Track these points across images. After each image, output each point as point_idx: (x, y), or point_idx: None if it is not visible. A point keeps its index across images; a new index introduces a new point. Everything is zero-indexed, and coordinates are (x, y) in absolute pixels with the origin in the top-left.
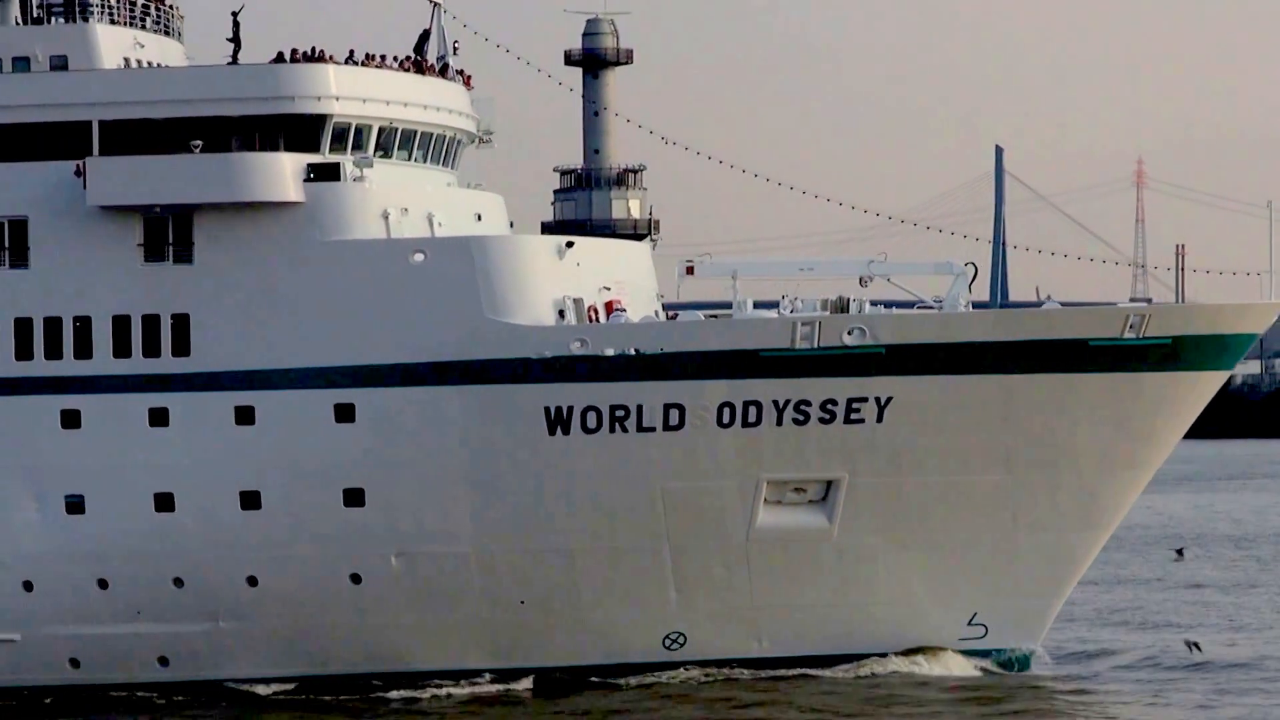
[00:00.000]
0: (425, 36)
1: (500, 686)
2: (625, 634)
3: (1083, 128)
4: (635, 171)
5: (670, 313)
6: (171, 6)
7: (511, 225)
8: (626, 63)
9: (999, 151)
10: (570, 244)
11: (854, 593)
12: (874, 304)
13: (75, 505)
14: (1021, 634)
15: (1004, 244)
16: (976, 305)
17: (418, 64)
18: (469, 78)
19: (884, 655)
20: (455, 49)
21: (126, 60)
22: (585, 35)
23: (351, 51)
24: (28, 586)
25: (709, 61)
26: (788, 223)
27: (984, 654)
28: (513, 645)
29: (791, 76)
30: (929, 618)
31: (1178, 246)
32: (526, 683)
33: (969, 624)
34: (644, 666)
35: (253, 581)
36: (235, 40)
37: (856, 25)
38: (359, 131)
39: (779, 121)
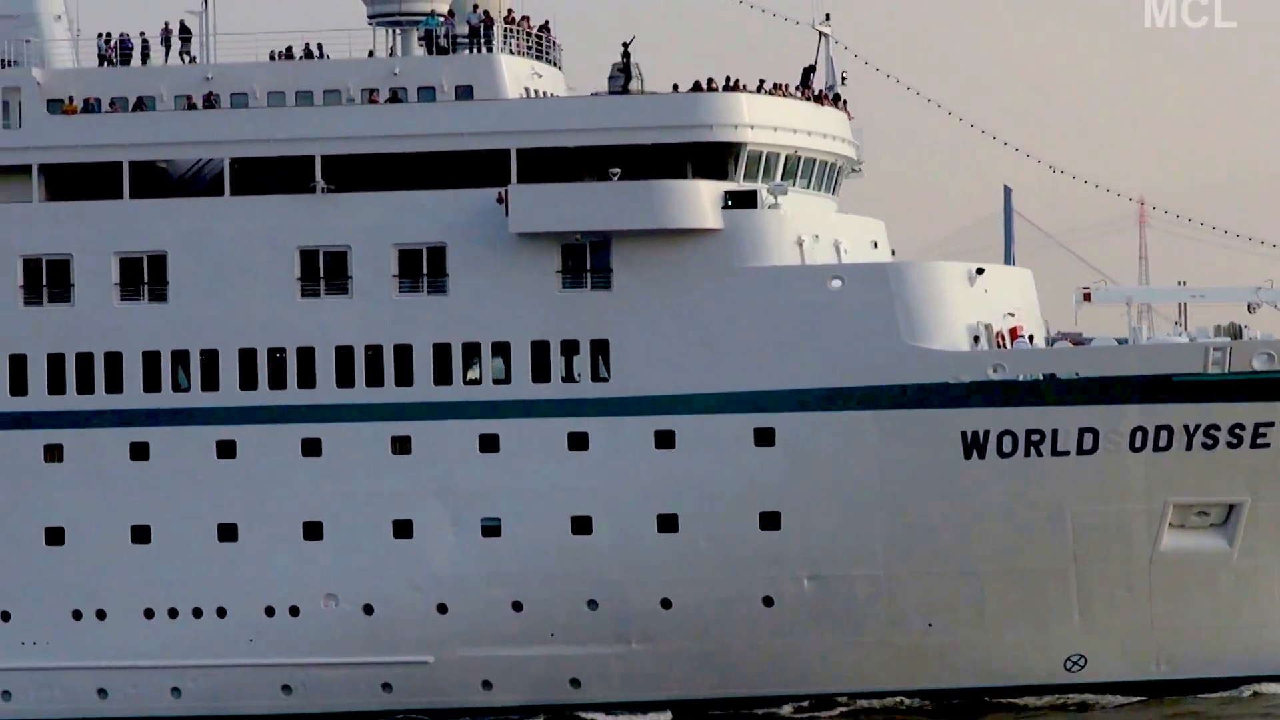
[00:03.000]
0: (811, 70)
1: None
2: (1028, 655)
3: (1088, 166)
4: None
5: (1076, 338)
6: (554, 38)
7: (893, 252)
8: None
9: (1008, 192)
10: (980, 270)
11: (1251, 615)
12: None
13: (491, 528)
14: None
15: None
16: None
17: (814, 93)
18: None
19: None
20: (844, 78)
21: (527, 90)
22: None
23: (761, 81)
24: (442, 609)
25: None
26: None
27: None
28: (918, 666)
29: None
30: None
31: (1179, 283)
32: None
33: None
34: (1045, 688)
35: (666, 604)
36: (625, 71)
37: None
38: (768, 159)
39: None
